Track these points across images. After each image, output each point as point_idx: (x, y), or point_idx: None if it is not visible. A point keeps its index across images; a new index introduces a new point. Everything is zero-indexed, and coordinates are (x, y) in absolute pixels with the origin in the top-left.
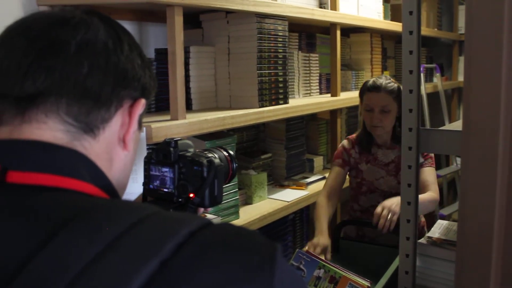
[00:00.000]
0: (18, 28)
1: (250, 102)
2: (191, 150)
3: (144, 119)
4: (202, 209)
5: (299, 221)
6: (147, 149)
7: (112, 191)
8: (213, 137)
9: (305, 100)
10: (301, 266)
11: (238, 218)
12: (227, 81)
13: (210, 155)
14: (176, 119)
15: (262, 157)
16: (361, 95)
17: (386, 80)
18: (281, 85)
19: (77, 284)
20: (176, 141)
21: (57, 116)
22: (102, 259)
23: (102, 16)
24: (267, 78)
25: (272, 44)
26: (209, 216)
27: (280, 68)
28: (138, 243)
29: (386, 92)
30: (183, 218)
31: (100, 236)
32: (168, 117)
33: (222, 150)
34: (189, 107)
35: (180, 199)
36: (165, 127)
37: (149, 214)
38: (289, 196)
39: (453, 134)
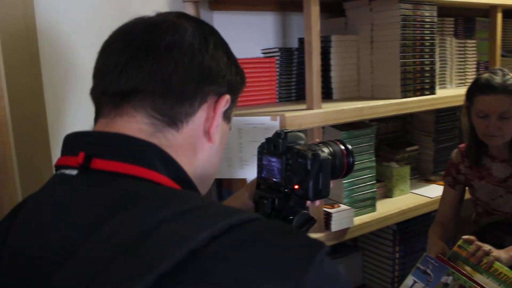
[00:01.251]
0: (119, 34)
1: (392, 92)
2: (302, 142)
3: (281, 108)
4: (309, 202)
5: None
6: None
7: (185, 181)
8: (351, 127)
9: (455, 91)
10: (428, 271)
11: (374, 211)
12: (369, 70)
13: (323, 148)
14: (312, 108)
15: (408, 149)
16: (470, 96)
17: (503, 76)
18: (427, 74)
19: (113, 264)
20: (286, 133)
21: (144, 111)
22: (140, 243)
23: (192, 18)
24: (411, 67)
25: (417, 31)
26: (342, 207)
27: (427, 56)
28: (175, 230)
29: (505, 93)
30: (228, 212)
31: (146, 220)
32: (305, 107)
33: (339, 143)
34: (329, 96)
35: (286, 190)
36: (299, 116)
37: (200, 205)
38: (434, 192)
39: None
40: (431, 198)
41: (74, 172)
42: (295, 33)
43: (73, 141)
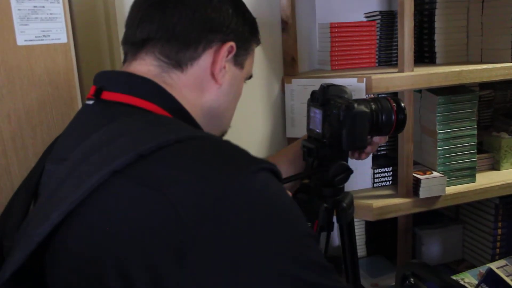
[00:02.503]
0: None
1: (502, 55)
2: (345, 95)
3: (375, 71)
4: (356, 155)
5: None
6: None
7: (178, 112)
8: (449, 92)
9: None
10: None
11: (473, 182)
12: (479, 32)
13: (370, 103)
14: (402, 71)
15: None
16: None
17: None
18: None
19: (82, 163)
20: (328, 86)
21: (153, 55)
22: (105, 147)
23: None
24: None
25: None
26: (435, 174)
27: None
28: (132, 139)
29: None
30: (182, 129)
31: (114, 132)
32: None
33: (391, 100)
34: (432, 61)
35: (324, 140)
36: (386, 79)
37: (166, 123)
38: None
39: None
40: None
41: (91, 102)
42: None
43: (96, 78)
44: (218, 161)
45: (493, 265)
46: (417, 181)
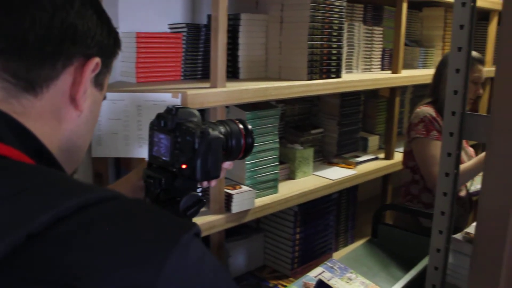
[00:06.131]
0: None
1: (299, 74)
2: (195, 119)
3: (185, 85)
4: (206, 183)
5: (345, 201)
6: None
7: (40, 154)
8: (256, 107)
9: (361, 76)
10: (335, 267)
11: (276, 193)
12: (277, 51)
13: (219, 127)
14: (215, 87)
15: (312, 131)
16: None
17: None
18: (334, 58)
19: None
20: (177, 109)
21: None
22: None
23: None
24: (318, 50)
25: (327, 15)
26: (244, 188)
27: (335, 40)
28: (9, 212)
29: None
30: (80, 190)
31: None
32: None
33: (238, 123)
34: (236, 76)
35: (174, 169)
36: (201, 95)
37: (47, 182)
38: (335, 174)
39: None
40: (332, 180)
41: None
42: (205, 9)
43: None
44: (140, 235)
45: (313, 274)
46: (229, 197)
